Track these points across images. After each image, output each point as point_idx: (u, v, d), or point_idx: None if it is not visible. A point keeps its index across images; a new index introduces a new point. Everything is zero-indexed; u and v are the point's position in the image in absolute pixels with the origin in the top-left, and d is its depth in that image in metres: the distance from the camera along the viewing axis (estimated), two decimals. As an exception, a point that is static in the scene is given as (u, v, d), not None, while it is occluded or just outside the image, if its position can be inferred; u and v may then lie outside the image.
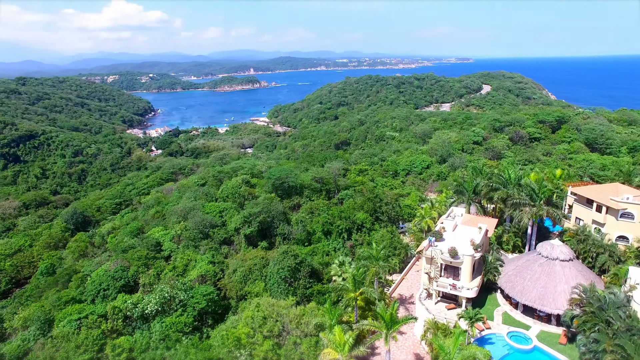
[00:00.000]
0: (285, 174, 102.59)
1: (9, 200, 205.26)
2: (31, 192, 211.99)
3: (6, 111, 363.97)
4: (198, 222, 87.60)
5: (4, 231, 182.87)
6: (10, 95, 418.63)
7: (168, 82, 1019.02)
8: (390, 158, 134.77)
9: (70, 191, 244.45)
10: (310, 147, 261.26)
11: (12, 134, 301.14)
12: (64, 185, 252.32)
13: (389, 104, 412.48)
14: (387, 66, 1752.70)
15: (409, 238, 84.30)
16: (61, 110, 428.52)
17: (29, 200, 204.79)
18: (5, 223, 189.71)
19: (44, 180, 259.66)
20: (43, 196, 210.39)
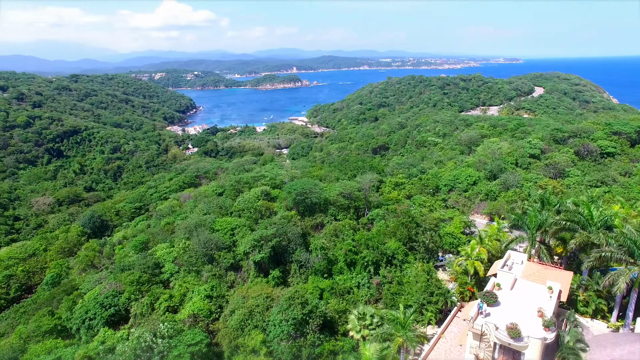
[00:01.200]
0: (308, 188, 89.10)
1: (44, 196, 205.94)
2: (65, 189, 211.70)
3: (56, 107, 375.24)
4: (203, 242, 75.96)
5: (35, 228, 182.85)
6: (62, 91, 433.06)
7: (212, 79, 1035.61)
8: (431, 171, 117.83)
9: (104, 188, 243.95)
10: (346, 151, 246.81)
11: (58, 130, 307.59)
12: (99, 181, 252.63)
13: (432, 105, 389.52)
14: (432, 66, 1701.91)
15: (449, 277, 68.51)
16: (106, 106, 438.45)
17: (63, 197, 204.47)
18: (38, 220, 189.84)
19: (81, 176, 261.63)
20: (76, 193, 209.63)
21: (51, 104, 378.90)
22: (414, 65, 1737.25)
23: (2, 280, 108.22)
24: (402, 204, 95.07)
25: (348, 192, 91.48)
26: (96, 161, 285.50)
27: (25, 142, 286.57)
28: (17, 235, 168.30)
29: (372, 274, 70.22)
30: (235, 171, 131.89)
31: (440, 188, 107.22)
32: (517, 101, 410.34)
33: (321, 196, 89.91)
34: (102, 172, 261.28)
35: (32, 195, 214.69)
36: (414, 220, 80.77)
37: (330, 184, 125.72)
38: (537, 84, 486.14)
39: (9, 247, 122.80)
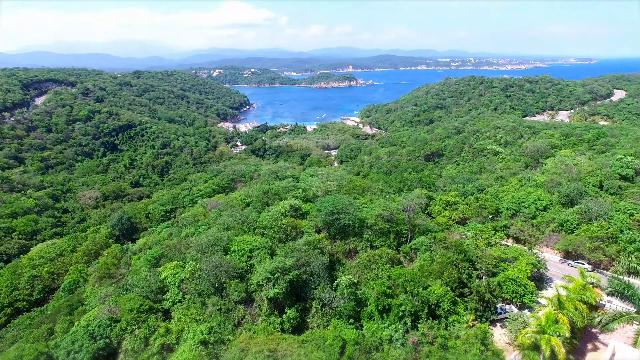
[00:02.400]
0: (341, 207, 75.75)
1: (92, 190, 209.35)
2: (111, 184, 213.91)
3: (116, 102, 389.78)
4: (213, 266, 65.29)
5: (79, 222, 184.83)
6: (124, 87, 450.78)
7: (268, 77, 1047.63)
8: (491, 189, 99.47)
9: (150, 184, 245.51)
10: (396, 156, 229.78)
11: (114, 124, 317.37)
12: (146, 177, 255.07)
13: (493, 109, 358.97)
14: (494, 67, 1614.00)
15: (510, 340, 52.42)
16: (163, 101, 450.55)
17: (108, 192, 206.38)
18: (82, 213, 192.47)
19: (131, 170, 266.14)
20: (121, 188, 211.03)
21: (112, 98, 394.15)
22: (475, 65, 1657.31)
23: (27, 281, 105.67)
24: (454, 231, 78.86)
25: (389, 214, 76.92)
26: (147, 156, 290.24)
27: (84, 135, 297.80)
28: (61, 228, 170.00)
29: (408, 328, 55.64)
30: (268, 178, 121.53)
31: (502, 212, 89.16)
32: (591, 106, 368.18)
33: (356, 217, 76.16)
34: (149, 168, 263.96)
35: (83, 188, 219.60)
36: (467, 256, 64.89)
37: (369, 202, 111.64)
38: (616, 86, 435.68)
39: (41, 245, 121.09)
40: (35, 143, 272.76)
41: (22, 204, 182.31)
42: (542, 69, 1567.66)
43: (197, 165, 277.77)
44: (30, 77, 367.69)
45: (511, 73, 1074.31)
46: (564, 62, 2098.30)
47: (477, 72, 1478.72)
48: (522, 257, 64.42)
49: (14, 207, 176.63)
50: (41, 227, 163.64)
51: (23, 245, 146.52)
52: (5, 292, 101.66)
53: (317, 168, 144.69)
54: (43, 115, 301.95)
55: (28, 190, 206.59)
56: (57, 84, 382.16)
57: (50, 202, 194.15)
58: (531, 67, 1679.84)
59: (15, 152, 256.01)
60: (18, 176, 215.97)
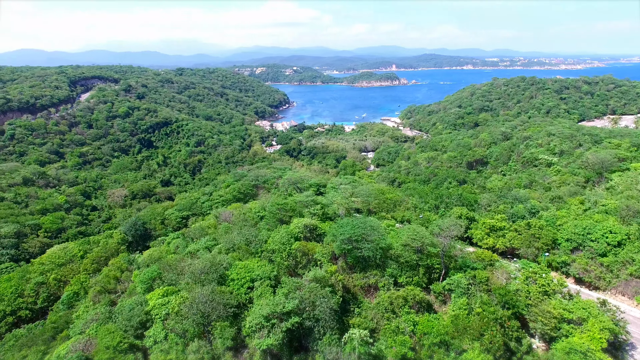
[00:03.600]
0: (360, 234, 63.02)
1: (121, 188, 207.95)
2: (140, 183, 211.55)
3: (157, 98, 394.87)
4: (202, 301, 54.73)
5: (104, 221, 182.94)
6: (165, 84, 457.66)
7: (309, 75, 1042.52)
8: (547, 213, 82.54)
9: (181, 182, 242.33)
10: (436, 162, 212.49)
11: (151, 120, 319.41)
12: (177, 175, 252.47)
13: (545, 112, 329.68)
14: (545, 67, 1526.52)
15: None
16: (202, 99, 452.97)
17: (137, 190, 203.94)
18: (109, 212, 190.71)
19: (163, 168, 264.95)
20: (150, 187, 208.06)
21: (153, 95, 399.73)
22: (524, 65, 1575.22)
23: (32, 288, 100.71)
24: (499, 268, 63.85)
25: (419, 245, 63.17)
26: (181, 154, 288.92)
27: (122, 131, 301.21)
28: (86, 227, 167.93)
29: (435, 410, 42.22)
30: (287, 188, 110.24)
31: (560, 243, 72.71)
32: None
33: (378, 247, 63.07)
34: (181, 166, 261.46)
35: (114, 185, 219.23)
36: (515, 306, 50.34)
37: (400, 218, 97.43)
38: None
39: (54, 249, 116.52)
40: (76, 139, 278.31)
41: (54, 200, 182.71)
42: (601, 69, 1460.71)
43: (229, 165, 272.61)
44: (77, 74, 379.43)
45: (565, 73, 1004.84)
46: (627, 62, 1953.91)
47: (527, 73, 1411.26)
48: (593, 318, 48.80)
49: (45, 204, 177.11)
50: (67, 225, 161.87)
51: (45, 244, 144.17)
52: (9, 299, 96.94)
53: (344, 179, 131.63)
54: (85, 112, 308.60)
55: (62, 186, 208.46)
56: (102, 81, 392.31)
57: (80, 199, 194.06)
58: (588, 67, 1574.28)
59: (57, 147, 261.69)
60: (54, 171, 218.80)
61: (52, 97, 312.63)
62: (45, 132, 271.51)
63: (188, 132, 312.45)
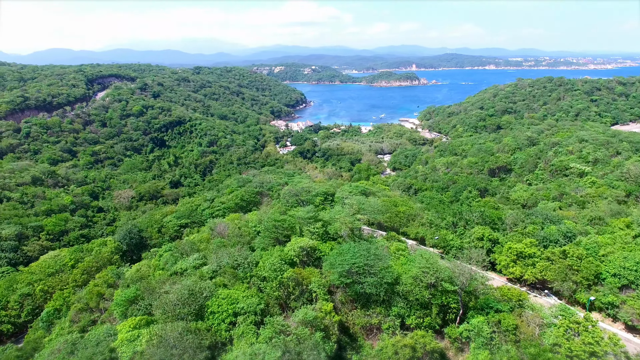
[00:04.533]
0: (363, 264, 53.25)
1: (128, 189, 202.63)
2: (147, 184, 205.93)
3: (172, 97, 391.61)
4: (168, 345, 45.88)
5: (108, 223, 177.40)
6: (181, 82, 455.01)
7: (328, 74, 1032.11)
8: (586, 239, 70.27)
9: (191, 183, 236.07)
10: (456, 167, 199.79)
11: (165, 119, 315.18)
12: (187, 176, 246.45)
13: (574, 115, 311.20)
14: (573, 67, 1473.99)
15: None
16: (218, 97, 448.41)
17: (144, 192, 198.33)
18: (114, 214, 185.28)
19: (174, 168, 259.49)
20: (157, 189, 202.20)
21: (169, 94, 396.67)
22: (550, 65, 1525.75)
23: (17, 300, 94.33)
24: (528, 311, 52.92)
25: (432, 280, 52.80)
26: (193, 153, 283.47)
27: (135, 130, 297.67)
28: (89, 229, 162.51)
29: None
30: (288, 200, 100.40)
31: (605, 279, 61.07)
32: None
33: (382, 282, 53.04)
34: (192, 167, 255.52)
35: (122, 186, 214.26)
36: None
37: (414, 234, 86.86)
38: None
39: (46, 256, 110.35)
40: (90, 137, 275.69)
41: (60, 201, 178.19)
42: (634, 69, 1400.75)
43: (241, 166, 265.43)
44: (95, 72, 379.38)
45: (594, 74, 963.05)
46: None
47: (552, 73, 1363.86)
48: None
49: (51, 204, 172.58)
50: (70, 228, 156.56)
51: (46, 247, 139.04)
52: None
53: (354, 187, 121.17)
54: (100, 110, 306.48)
55: (71, 185, 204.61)
56: (119, 79, 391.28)
57: (87, 199, 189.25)
58: (619, 67, 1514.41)
59: (70, 145, 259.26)
60: (64, 171, 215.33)
61: (68, 96, 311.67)
62: (60, 131, 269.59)
63: (201, 131, 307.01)
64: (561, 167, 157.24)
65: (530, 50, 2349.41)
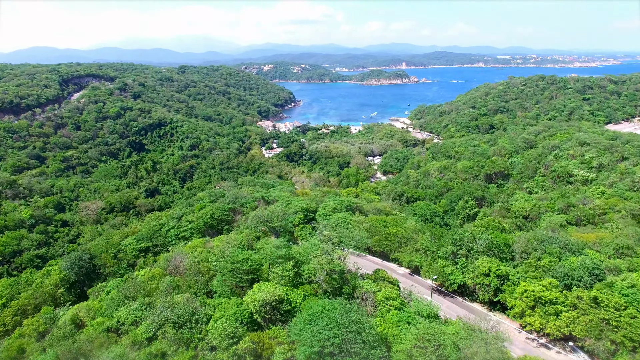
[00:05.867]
0: (340, 340, 38.74)
1: (96, 201, 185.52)
2: (119, 194, 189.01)
3: (154, 97, 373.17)
4: None
5: (71, 240, 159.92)
6: (165, 82, 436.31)
7: (317, 72, 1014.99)
8: (620, 280, 56.02)
9: (169, 191, 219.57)
10: (450, 172, 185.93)
11: (144, 122, 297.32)
12: (166, 183, 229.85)
13: (567, 114, 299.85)
14: (559, 64, 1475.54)
15: None
16: (203, 97, 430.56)
17: (115, 202, 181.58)
18: (79, 229, 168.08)
19: (152, 174, 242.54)
20: (130, 199, 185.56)
21: (150, 94, 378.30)
22: (538, 63, 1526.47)
23: None
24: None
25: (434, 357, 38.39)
26: (173, 158, 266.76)
27: (112, 133, 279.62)
28: (47, 249, 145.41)
29: None
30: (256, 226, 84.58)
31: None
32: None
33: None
34: (171, 173, 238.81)
35: (91, 196, 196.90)
36: None
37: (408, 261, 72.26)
38: None
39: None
40: (61, 142, 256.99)
41: (16, 215, 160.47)
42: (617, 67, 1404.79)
43: (223, 171, 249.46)
44: (72, 72, 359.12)
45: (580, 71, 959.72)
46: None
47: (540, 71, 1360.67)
48: None
49: (5, 220, 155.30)
50: (24, 247, 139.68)
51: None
52: None
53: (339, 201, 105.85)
54: (73, 112, 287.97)
55: (34, 196, 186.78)
56: (98, 80, 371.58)
57: (50, 212, 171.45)
58: (603, 65, 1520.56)
59: (39, 151, 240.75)
60: (27, 180, 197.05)
61: (39, 97, 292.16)
62: (28, 135, 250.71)
63: (182, 134, 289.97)
64: (563, 173, 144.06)
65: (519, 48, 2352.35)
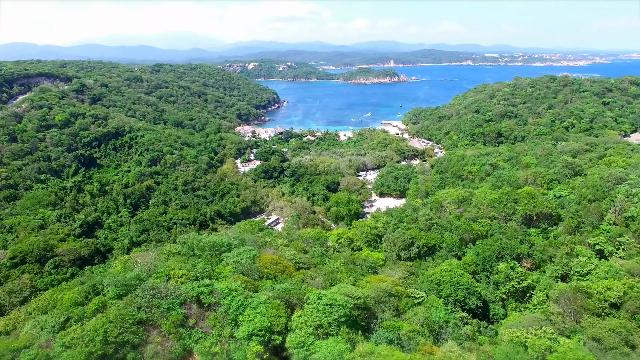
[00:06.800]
0: None
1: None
2: (34, 239, 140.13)
3: (117, 101, 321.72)
4: None
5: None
6: (133, 82, 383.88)
7: (304, 71, 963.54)
8: None
9: (114, 224, 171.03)
10: (471, 208, 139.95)
11: (98, 131, 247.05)
12: (112, 211, 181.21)
13: (588, 122, 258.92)
14: (547, 63, 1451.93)
15: None
16: (175, 100, 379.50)
17: (27, 251, 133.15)
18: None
19: (98, 199, 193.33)
20: (48, 245, 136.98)
21: (113, 97, 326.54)
22: (526, 61, 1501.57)
23: None
24: None
25: None
26: (129, 175, 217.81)
27: (56, 146, 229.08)
28: None
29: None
30: None
31: None
32: None
33: None
34: (121, 197, 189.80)
35: (2, 238, 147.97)
36: None
37: None
38: None
39: None
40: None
41: None
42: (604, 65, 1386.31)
43: (187, 194, 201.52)
44: (18, 71, 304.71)
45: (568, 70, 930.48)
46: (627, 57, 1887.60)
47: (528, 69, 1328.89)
48: None
49: None
50: None
51: None
52: None
53: (325, 315, 60.37)
54: (9, 120, 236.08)
55: None
56: (51, 80, 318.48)
57: None
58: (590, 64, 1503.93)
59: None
60: None
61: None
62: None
63: (142, 145, 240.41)
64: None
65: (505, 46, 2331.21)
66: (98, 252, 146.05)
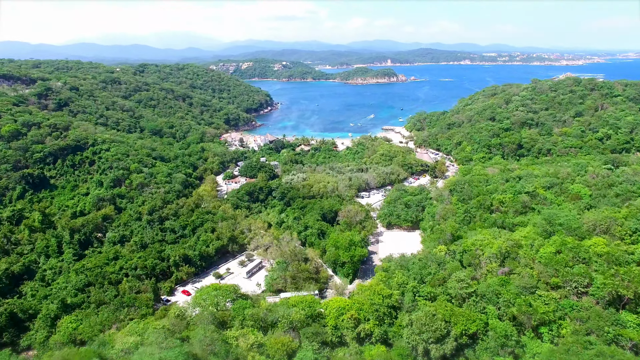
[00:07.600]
0: None
1: None
2: None
3: (87, 106, 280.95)
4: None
5: None
6: (109, 85, 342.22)
7: (299, 70, 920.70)
8: None
9: (48, 275, 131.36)
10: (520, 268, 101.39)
11: (55, 144, 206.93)
12: (52, 253, 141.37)
13: (628, 132, 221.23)
14: (545, 62, 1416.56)
15: None
16: (157, 104, 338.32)
17: None
18: None
19: (37, 235, 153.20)
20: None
21: (84, 101, 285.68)
22: (524, 60, 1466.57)
23: None
24: None
25: None
26: (86, 200, 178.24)
27: (0, 163, 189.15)
28: None
29: None
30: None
31: None
32: None
33: None
34: (67, 232, 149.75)
35: None
36: None
37: None
38: None
39: None
40: None
41: None
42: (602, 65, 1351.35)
43: (153, 225, 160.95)
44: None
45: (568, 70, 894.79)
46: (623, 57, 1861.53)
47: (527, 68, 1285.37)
48: None
49: None
50: None
51: None
52: None
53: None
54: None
55: None
56: (10, 82, 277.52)
57: None
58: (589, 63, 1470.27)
59: None
60: None
61: None
62: None
63: (106, 161, 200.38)
64: None
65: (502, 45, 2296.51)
66: (15, 320, 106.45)
